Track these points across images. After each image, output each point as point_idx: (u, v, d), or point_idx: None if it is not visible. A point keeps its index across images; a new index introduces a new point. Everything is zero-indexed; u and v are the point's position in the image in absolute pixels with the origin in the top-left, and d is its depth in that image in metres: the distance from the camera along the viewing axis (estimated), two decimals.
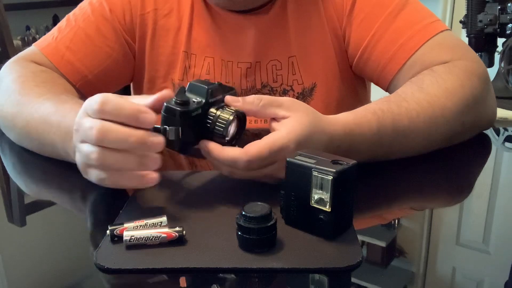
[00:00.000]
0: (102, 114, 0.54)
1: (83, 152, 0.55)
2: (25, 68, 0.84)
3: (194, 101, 0.57)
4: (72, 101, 0.71)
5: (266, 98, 0.59)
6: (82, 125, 0.55)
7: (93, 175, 0.56)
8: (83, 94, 0.88)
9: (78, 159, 0.57)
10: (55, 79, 0.83)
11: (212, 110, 0.58)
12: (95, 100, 0.54)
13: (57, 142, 0.67)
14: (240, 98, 0.59)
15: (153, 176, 0.55)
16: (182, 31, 0.90)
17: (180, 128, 0.55)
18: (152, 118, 0.54)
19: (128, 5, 0.90)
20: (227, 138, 0.58)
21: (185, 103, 0.56)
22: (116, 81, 0.94)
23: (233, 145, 0.58)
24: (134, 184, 0.56)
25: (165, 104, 0.56)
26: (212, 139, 0.58)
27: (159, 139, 0.54)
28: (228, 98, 0.59)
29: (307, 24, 0.88)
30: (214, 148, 0.57)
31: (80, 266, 0.52)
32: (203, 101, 0.57)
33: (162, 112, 0.57)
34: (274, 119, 0.59)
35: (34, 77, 0.81)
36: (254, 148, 0.55)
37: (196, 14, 0.90)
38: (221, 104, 0.59)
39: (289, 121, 0.57)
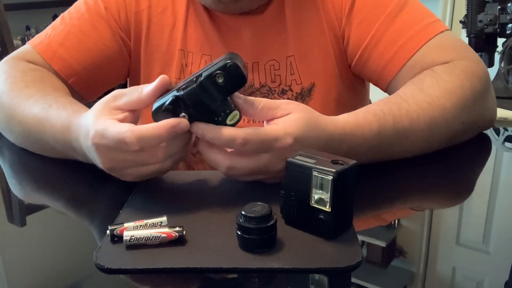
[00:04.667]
0: (142, 149, 0.55)
1: (140, 172, 0.58)
2: (14, 68, 0.83)
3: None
4: (57, 103, 0.70)
5: (264, 101, 0.59)
6: (127, 161, 0.57)
7: (145, 173, 0.59)
8: (77, 91, 0.88)
9: (126, 175, 0.59)
10: (44, 77, 0.83)
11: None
12: (125, 142, 0.54)
13: (58, 149, 0.68)
14: (242, 96, 0.59)
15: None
16: (177, 28, 0.90)
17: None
18: (185, 123, 0.56)
19: (123, 3, 0.90)
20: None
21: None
22: (110, 79, 0.94)
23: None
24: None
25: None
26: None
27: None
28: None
29: (305, 24, 0.88)
30: (209, 128, 0.57)
31: (80, 266, 0.52)
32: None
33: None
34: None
35: (22, 76, 0.81)
36: (250, 130, 0.56)
37: (191, 12, 0.89)
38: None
39: (286, 118, 0.58)
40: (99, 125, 0.56)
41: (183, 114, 0.56)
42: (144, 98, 0.58)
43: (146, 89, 0.58)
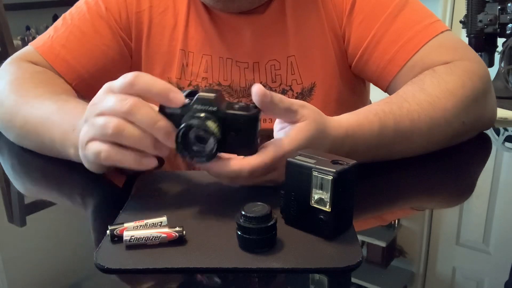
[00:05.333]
0: (132, 88, 0.54)
1: (99, 122, 0.54)
2: (21, 69, 0.83)
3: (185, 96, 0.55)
4: (74, 100, 0.71)
5: (286, 103, 0.56)
6: (106, 99, 0.55)
7: (94, 147, 0.55)
8: (80, 93, 0.88)
9: (85, 132, 0.57)
10: (53, 80, 0.83)
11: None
12: (127, 75, 0.54)
13: (56, 139, 0.67)
14: (268, 94, 0.54)
15: (152, 161, 0.55)
16: (178, 28, 0.90)
17: None
18: (182, 98, 0.53)
19: (123, 4, 0.90)
20: (187, 155, 0.53)
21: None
22: (112, 80, 0.94)
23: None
24: (132, 165, 0.55)
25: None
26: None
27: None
28: (258, 90, 0.54)
29: (306, 23, 0.88)
30: (213, 165, 0.55)
31: (80, 266, 0.52)
32: (189, 104, 0.54)
33: None
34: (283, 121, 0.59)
35: (31, 78, 0.81)
36: (255, 160, 0.54)
37: (192, 12, 0.90)
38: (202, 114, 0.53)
39: (295, 128, 0.56)
40: None
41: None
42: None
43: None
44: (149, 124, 0.53)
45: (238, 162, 0.54)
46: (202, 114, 0.53)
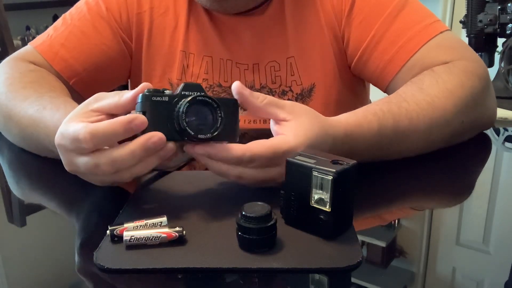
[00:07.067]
0: (97, 147, 0.52)
1: (97, 178, 0.56)
2: (13, 69, 0.83)
3: (167, 92, 0.55)
4: (51, 104, 0.70)
5: (270, 97, 0.58)
6: (79, 166, 0.54)
7: (98, 181, 0.57)
8: (78, 92, 0.88)
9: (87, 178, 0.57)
10: (42, 78, 0.82)
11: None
12: (78, 139, 0.52)
13: (52, 148, 0.68)
14: (247, 89, 0.57)
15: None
16: (179, 29, 0.90)
17: (142, 112, 0.54)
18: (142, 118, 0.52)
19: (124, 4, 0.90)
20: (190, 132, 0.53)
21: (155, 91, 0.54)
22: (110, 79, 0.94)
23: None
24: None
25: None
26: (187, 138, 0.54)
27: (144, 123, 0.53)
28: (237, 84, 0.57)
29: (305, 24, 0.88)
30: (214, 149, 0.54)
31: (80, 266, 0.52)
32: (176, 93, 0.55)
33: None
34: (276, 122, 0.59)
35: (21, 77, 0.80)
36: (258, 147, 0.54)
37: (193, 13, 0.90)
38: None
39: (293, 125, 0.56)
40: (64, 126, 0.55)
41: (139, 111, 0.53)
42: (122, 103, 0.55)
43: (126, 94, 0.56)
44: (133, 159, 0.53)
45: (240, 147, 0.54)
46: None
